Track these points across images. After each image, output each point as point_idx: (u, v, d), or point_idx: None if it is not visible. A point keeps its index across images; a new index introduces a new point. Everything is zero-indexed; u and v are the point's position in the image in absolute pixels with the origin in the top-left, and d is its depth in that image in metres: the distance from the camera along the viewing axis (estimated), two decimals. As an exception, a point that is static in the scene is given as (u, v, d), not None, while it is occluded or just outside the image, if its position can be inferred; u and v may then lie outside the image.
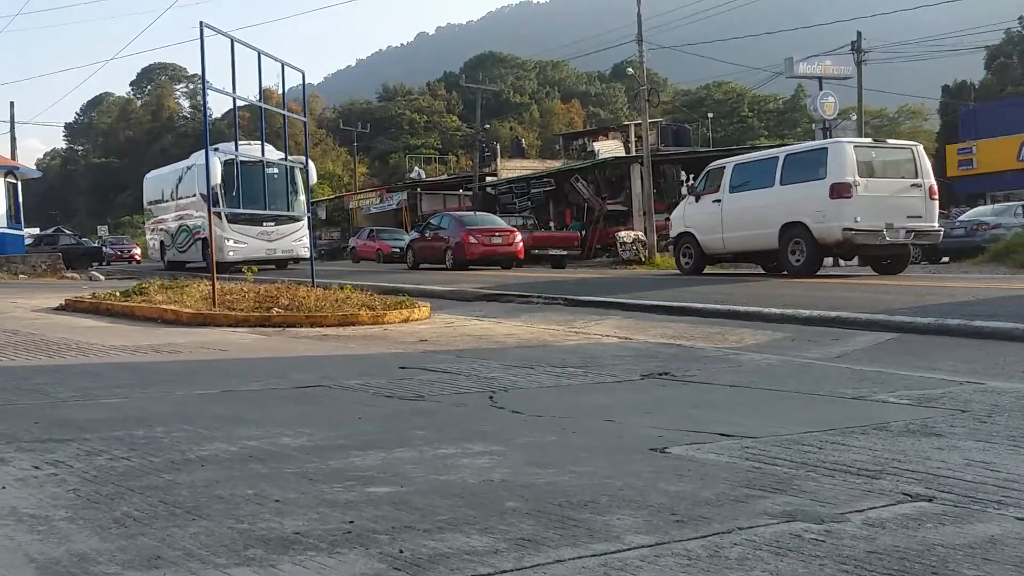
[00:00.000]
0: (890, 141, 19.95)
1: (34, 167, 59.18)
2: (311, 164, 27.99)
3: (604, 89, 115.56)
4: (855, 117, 42.05)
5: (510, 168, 56.24)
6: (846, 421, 5.24)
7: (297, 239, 30.44)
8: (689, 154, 46.15)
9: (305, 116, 17.79)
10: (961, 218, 30.26)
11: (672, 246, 22.24)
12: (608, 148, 51.67)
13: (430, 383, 7.03)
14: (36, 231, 53.88)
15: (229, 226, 28.91)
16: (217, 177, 24.27)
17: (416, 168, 69.55)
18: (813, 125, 43.48)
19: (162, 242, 36.51)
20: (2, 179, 32.36)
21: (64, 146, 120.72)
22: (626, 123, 57.38)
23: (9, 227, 32.62)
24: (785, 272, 18.18)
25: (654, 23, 38.07)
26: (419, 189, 55.44)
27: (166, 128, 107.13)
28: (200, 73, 13.67)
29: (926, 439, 4.70)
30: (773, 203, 17.94)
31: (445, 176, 67.97)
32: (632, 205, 38.29)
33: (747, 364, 8.12)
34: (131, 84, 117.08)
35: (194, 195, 32.16)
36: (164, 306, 13.05)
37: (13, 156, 42.80)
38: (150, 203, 38.70)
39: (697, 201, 20.33)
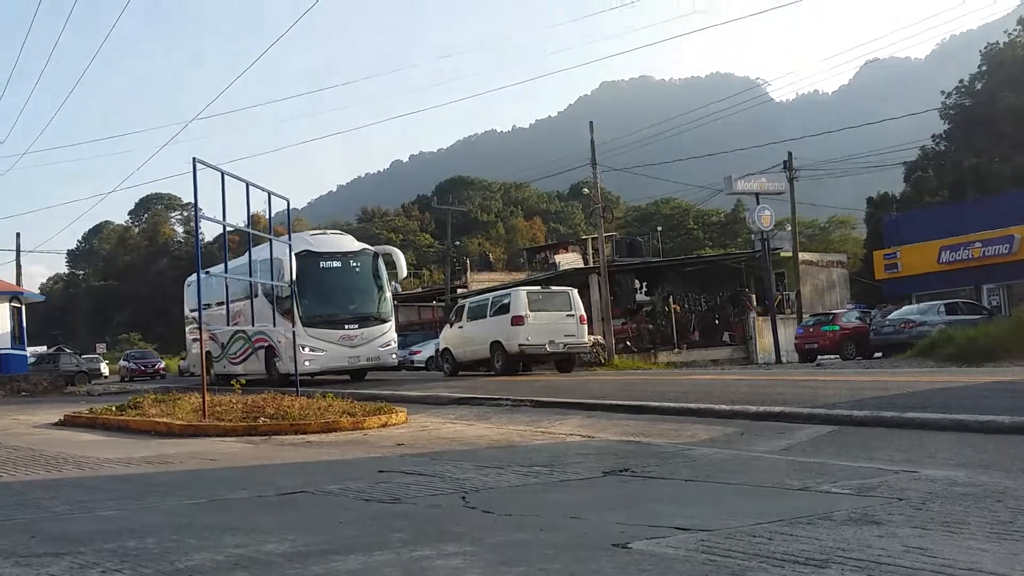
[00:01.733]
0: (553, 288, 27.19)
1: (38, 291, 58.71)
2: (399, 255, 25.23)
3: (563, 207, 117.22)
4: (790, 228, 42.76)
5: (479, 280, 56.51)
6: (793, 512, 5.20)
7: (384, 344, 24.21)
8: (641, 264, 46.64)
9: (290, 239, 17.81)
10: (890, 316, 30.60)
11: (440, 356, 28.18)
12: (568, 260, 52.10)
13: (407, 486, 6.92)
14: (42, 349, 53.14)
15: (305, 331, 22.38)
16: (291, 272, 20.04)
17: (393, 283, 69.24)
18: (752, 236, 44.16)
19: (208, 353, 28.59)
20: (7, 304, 32.08)
21: (66, 271, 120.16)
22: (584, 237, 58.09)
23: (13, 348, 32.22)
24: (492, 372, 24.25)
25: (607, 148, 38.87)
26: (395, 302, 55.32)
27: (161, 252, 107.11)
28: (193, 202, 13.75)
29: (867, 527, 4.67)
30: (487, 329, 24.68)
31: (420, 289, 68.25)
32: (591, 312, 38.46)
33: (700, 459, 8.07)
34: (129, 213, 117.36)
35: (255, 295, 25.54)
36: (157, 419, 12.85)
37: (18, 282, 42.46)
38: (192, 310, 30.25)
39: (451, 327, 26.95)
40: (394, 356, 24.68)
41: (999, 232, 36.69)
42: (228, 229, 15.28)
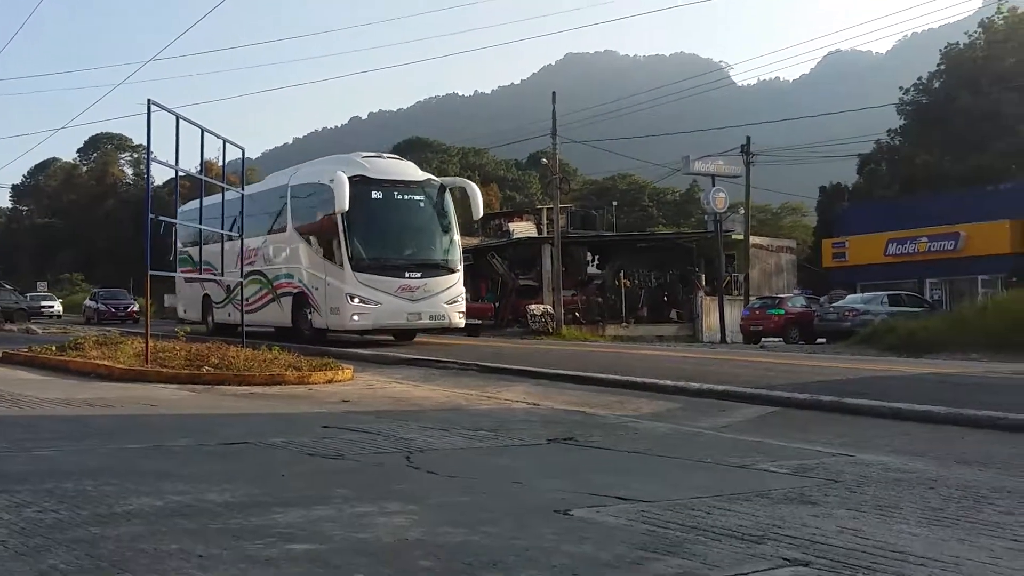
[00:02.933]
0: None
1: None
2: (474, 189, 20.52)
3: (520, 176, 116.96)
4: (743, 211, 43.13)
5: (432, 244, 56.21)
6: (732, 488, 5.28)
7: (451, 299, 18.73)
8: (595, 237, 46.85)
9: (243, 188, 17.46)
10: (834, 304, 31.06)
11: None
12: (522, 229, 52.04)
13: (351, 442, 6.91)
14: None
15: (355, 277, 17.71)
16: (345, 201, 16.95)
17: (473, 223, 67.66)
18: (706, 217, 44.47)
19: (207, 296, 24.03)
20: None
21: (9, 206, 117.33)
22: (539, 207, 57.93)
23: (-51, 282, 31.37)
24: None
25: (568, 119, 38.78)
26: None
27: (108, 194, 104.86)
28: (146, 145, 13.49)
29: (803, 506, 4.76)
30: None
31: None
32: (543, 281, 38.56)
33: (643, 432, 8.17)
34: (78, 151, 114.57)
35: (284, 229, 20.43)
36: (98, 361, 12.67)
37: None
38: (188, 245, 23.20)
39: None
40: (461, 315, 19.13)
41: (945, 229, 37.34)
42: (180, 175, 15.02)
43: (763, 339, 31.23)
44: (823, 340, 28.42)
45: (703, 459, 6.56)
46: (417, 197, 19.11)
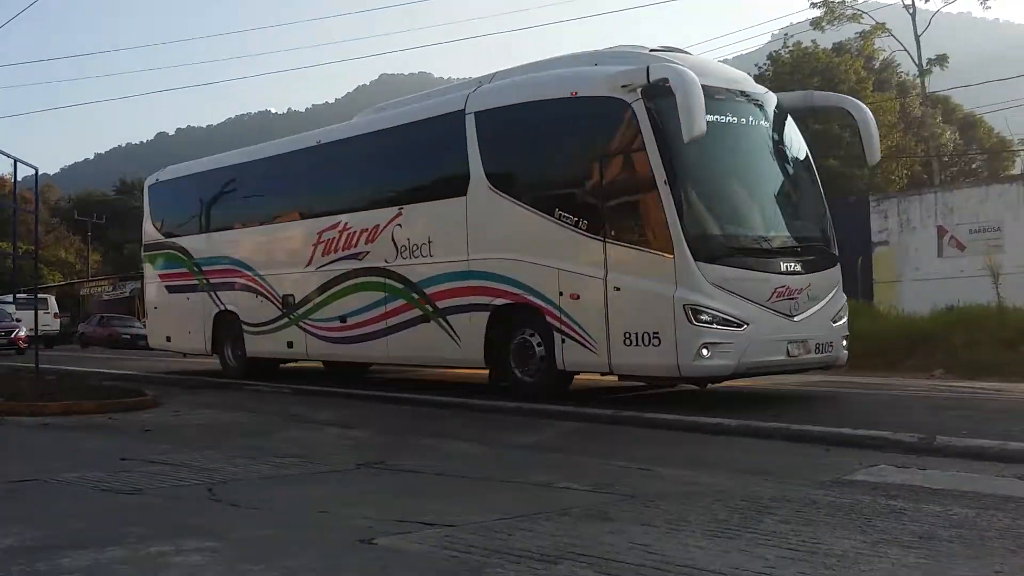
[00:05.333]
0: None
1: None
2: (863, 112, 11.36)
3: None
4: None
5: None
6: (534, 507, 5.39)
7: (836, 314, 10.66)
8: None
9: (37, 207, 16.20)
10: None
11: None
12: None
13: (150, 475, 6.64)
14: None
15: (699, 271, 9.46)
16: (699, 121, 8.96)
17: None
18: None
19: (226, 316, 15.27)
20: None
21: None
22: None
23: None
24: None
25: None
26: (153, 278, 52.58)
27: None
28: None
29: (600, 523, 4.92)
30: None
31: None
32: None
33: (453, 453, 8.21)
34: None
35: (460, 190, 11.62)
36: None
37: None
38: (178, 231, 16.51)
39: None
40: (845, 342, 10.82)
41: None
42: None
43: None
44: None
45: (509, 479, 6.65)
46: (767, 124, 10.75)
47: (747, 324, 9.57)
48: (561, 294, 10.34)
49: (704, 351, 9.41)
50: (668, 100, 9.29)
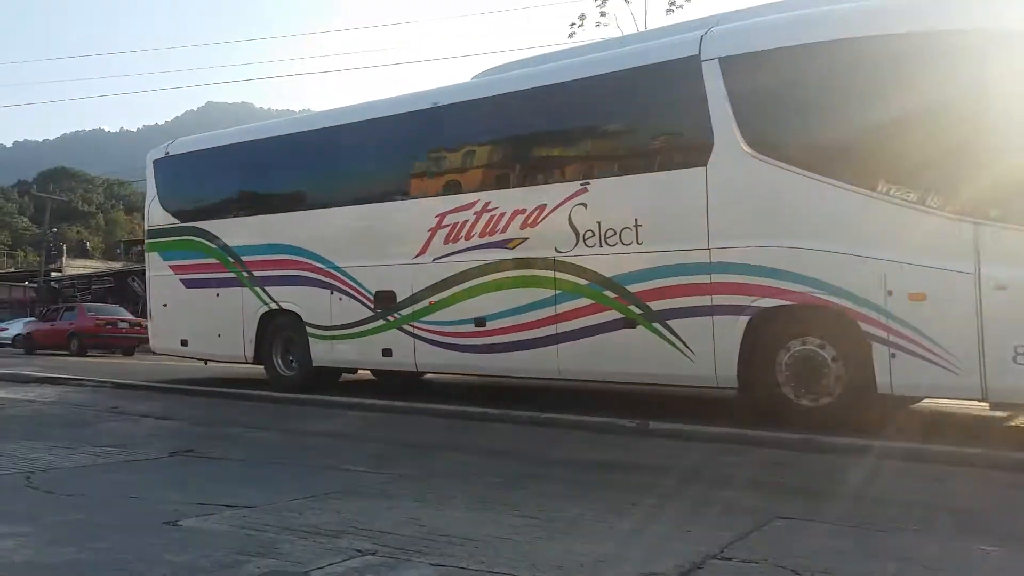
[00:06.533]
0: None
1: None
2: None
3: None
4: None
5: (75, 266, 50.64)
6: (326, 487, 5.29)
7: None
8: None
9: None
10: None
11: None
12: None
13: (-32, 467, 6.00)
14: None
15: None
16: None
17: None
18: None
19: (273, 316, 11.17)
20: None
21: None
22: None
23: None
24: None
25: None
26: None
27: None
28: None
29: (382, 500, 4.90)
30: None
31: (13, 269, 59.59)
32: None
33: (259, 440, 7.91)
34: None
35: (698, 159, 7.72)
36: None
37: None
38: (199, 211, 12.14)
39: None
40: None
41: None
42: None
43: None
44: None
45: (307, 463, 6.50)
46: None
47: None
48: (891, 293, 6.78)
49: None
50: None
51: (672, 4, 18.75)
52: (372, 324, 10.13)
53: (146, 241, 13.02)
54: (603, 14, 18.94)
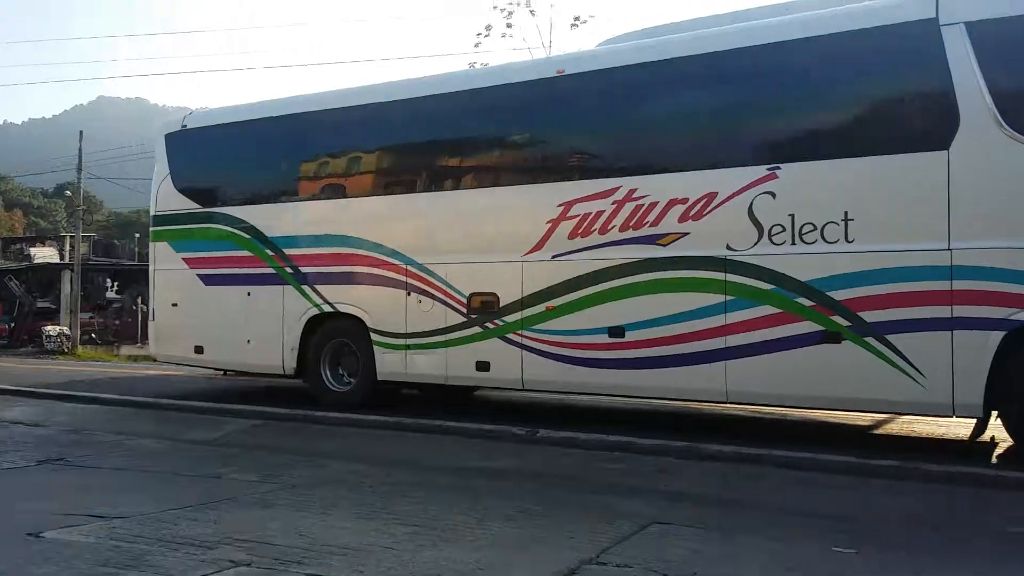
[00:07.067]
0: None
1: None
2: None
3: (46, 203, 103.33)
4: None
5: (-58, 263, 47.52)
6: (205, 497, 5.13)
7: None
8: (115, 265, 42.96)
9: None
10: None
11: None
12: (44, 254, 45.79)
13: None
14: None
15: None
16: None
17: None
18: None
19: (323, 320, 9.31)
20: None
21: None
22: (63, 234, 51.68)
23: None
24: None
25: (97, 156, 35.28)
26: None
27: None
28: None
29: (263, 510, 4.78)
30: None
31: None
32: (61, 304, 34.36)
33: (138, 448, 7.57)
34: None
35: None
36: None
37: None
38: (227, 195, 10.13)
39: None
40: None
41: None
42: None
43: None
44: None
45: (186, 472, 6.28)
46: None
47: None
48: None
49: None
50: None
51: (576, 19, 19.29)
52: (464, 332, 8.39)
53: (152, 229, 10.87)
54: (509, 25, 19.19)
